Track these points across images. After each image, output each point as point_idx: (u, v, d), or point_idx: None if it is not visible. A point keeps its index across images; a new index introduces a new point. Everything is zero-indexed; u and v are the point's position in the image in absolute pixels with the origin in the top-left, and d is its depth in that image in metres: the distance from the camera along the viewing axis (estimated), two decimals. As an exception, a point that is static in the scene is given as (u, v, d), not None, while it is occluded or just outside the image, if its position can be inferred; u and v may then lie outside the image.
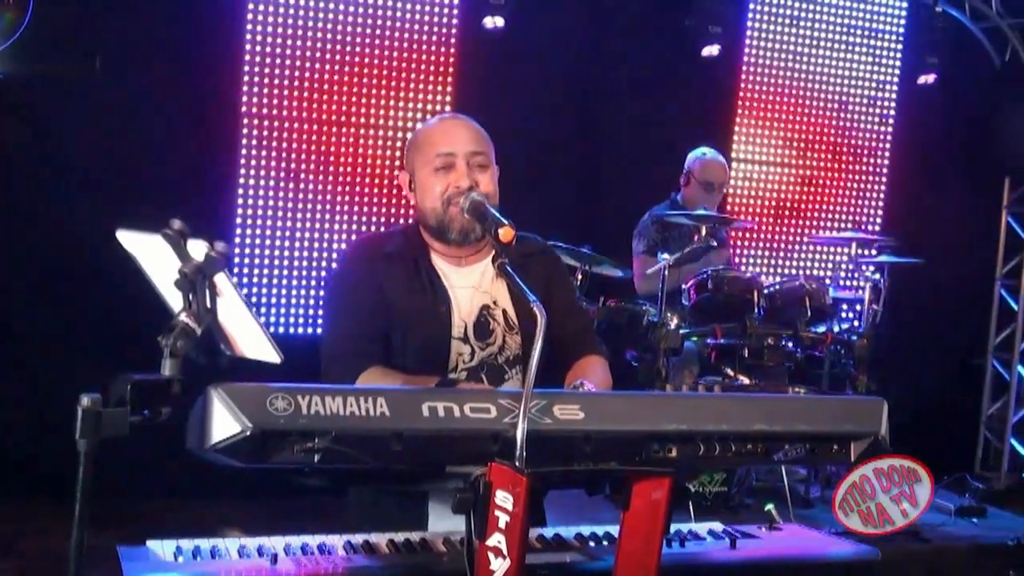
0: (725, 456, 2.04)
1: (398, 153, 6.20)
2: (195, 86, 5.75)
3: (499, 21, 6.11)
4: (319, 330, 6.08)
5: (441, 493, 2.51)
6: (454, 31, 6.27)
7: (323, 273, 6.13)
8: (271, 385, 1.75)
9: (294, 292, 6.08)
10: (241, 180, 5.93)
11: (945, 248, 7.01)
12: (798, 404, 2.18)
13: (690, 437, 2.01)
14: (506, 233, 2.29)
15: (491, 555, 1.81)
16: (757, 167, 7.18)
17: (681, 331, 5.04)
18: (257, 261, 6.00)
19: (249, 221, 5.95)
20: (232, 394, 1.71)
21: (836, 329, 5.29)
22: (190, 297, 1.68)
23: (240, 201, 5.93)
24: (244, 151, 5.93)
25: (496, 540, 1.80)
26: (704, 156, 5.92)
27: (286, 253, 6.04)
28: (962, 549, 4.27)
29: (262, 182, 5.97)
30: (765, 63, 7.13)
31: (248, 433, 1.70)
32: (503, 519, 1.79)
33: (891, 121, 7.49)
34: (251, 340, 1.77)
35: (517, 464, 1.80)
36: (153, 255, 1.71)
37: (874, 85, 7.42)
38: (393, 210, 6.25)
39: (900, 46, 7.41)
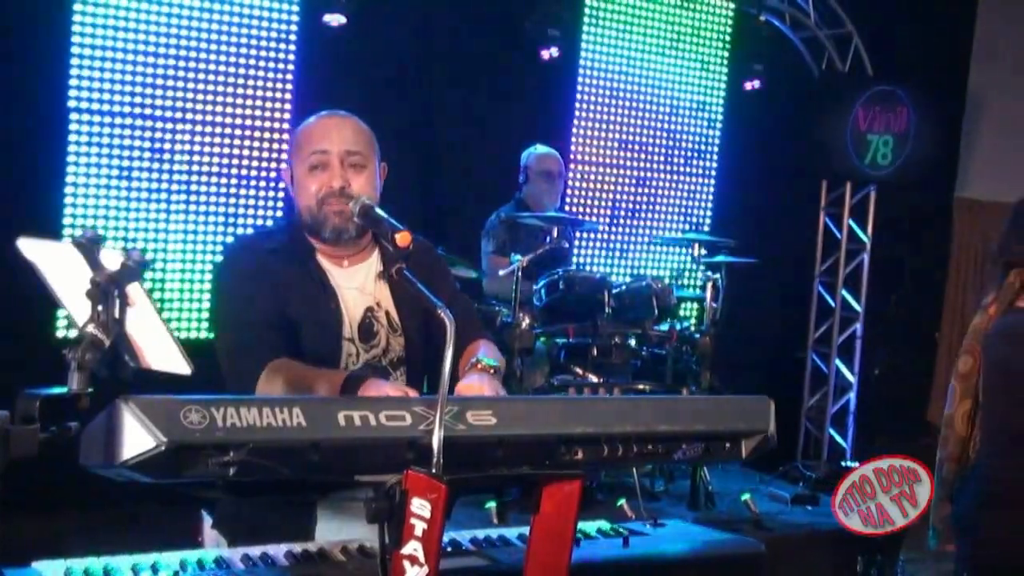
0: (628, 456, 2.09)
1: (235, 150, 6.05)
2: (18, 80, 5.44)
3: (339, 19, 6.03)
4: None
5: (329, 502, 2.47)
6: (294, 27, 6.15)
7: (157, 274, 5.92)
8: (183, 397, 1.68)
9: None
10: (69, 178, 5.64)
11: (770, 248, 7.32)
12: (694, 405, 2.26)
13: (595, 439, 2.04)
14: (403, 238, 2.26)
15: (407, 563, 1.80)
16: (594, 168, 7.34)
17: (534, 331, 5.11)
18: (87, 261, 5.71)
19: (79, 221, 5.67)
20: (144, 407, 1.62)
21: (679, 327, 5.46)
22: (99, 307, 1.60)
23: (69, 200, 5.64)
24: (72, 147, 5.64)
25: (412, 548, 1.79)
26: (536, 150, 6.09)
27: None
28: (804, 537, 4.45)
29: (92, 180, 5.70)
30: (601, 66, 7.28)
31: (163, 448, 1.62)
32: (420, 527, 1.78)
33: (719, 125, 7.78)
34: (160, 352, 1.70)
35: (434, 471, 1.79)
36: (58, 264, 1.62)
37: (703, 90, 7.69)
38: (231, 209, 6.08)
39: (727, 53, 7.70)
